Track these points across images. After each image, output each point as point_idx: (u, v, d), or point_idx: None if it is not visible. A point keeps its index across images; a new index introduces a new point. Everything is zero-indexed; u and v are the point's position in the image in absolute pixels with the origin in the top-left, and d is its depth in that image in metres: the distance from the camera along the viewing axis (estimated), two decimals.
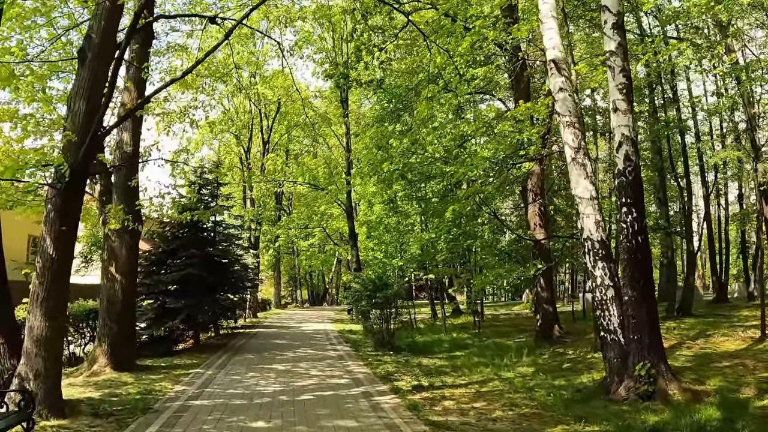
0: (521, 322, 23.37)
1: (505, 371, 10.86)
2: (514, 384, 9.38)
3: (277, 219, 30.85)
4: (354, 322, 25.31)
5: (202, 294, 13.11)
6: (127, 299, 10.03)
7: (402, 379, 9.58)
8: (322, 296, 55.63)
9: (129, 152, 10.11)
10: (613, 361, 8.37)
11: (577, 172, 8.82)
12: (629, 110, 8.36)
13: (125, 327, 9.93)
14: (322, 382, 9.04)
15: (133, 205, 9.39)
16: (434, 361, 12.53)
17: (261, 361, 11.46)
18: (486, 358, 12.73)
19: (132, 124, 10.15)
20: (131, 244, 10.05)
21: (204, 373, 9.78)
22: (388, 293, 14.01)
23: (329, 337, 17.84)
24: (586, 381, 9.58)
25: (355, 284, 15.26)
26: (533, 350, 13.42)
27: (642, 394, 7.83)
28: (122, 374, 9.38)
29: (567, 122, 9.03)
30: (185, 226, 13.01)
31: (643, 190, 8.36)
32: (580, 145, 8.94)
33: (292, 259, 44.49)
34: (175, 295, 12.57)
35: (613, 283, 8.45)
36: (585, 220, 8.69)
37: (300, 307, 45.42)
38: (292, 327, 22.18)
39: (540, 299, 15.26)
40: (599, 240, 8.56)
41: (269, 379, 9.20)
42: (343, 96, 21.30)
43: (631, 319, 8.15)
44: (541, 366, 11.41)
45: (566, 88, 9.28)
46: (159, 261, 13.08)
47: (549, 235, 13.44)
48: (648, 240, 8.49)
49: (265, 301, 34.96)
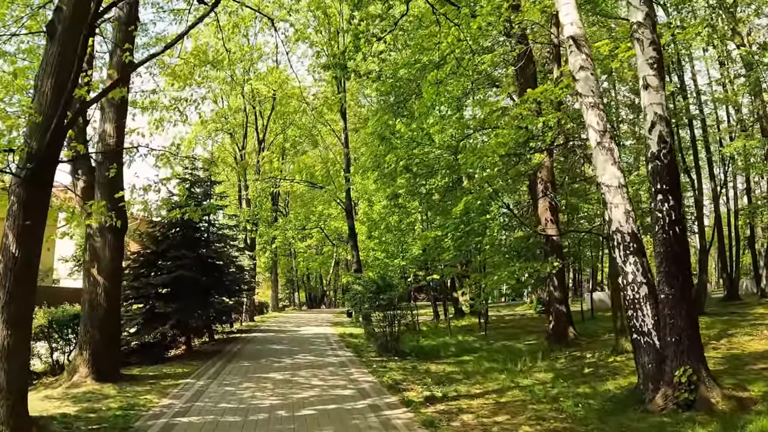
0: (527, 323, 22.61)
1: (521, 378, 10.05)
2: (535, 393, 8.56)
3: (274, 220, 30.02)
4: (354, 325, 24.46)
5: (194, 297, 12.26)
6: (111, 304, 9.16)
7: (412, 389, 8.75)
8: (320, 299, 54.74)
9: (112, 144, 9.25)
10: (647, 366, 7.55)
11: (604, 157, 8.01)
12: (661, 86, 7.57)
13: (108, 334, 9.06)
14: (324, 393, 8.19)
15: (116, 201, 8.53)
16: (443, 367, 11.71)
17: (257, 369, 10.59)
18: (498, 363, 11.93)
19: (115, 114, 9.32)
20: (115, 244, 9.19)
21: (195, 383, 8.91)
22: (392, 295, 13.18)
23: (329, 342, 16.98)
24: (612, 388, 8.79)
25: (357, 286, 14.43)
26: (547, 354, 12.63)
27: (682, 403, 7.03)
28: (104, 386, 8.51)
29: (590, 103, 8.23)
30: (176, 225, 12.17)
31: (679, 175, 7.57)
32: (605, 128, 8.14)
33: (289, 261, 43.60)
34: (165, 298, 11.72)
35: (646, 280, 7.64)
36: (614, 211, 7.87)
37: (298, 309, 44.55)
38: (291, 331, 21.29)
39: (552, 299, 14.45)
40: (630, 232, 7.75)
41: (266, 391, 8.35)
42: (341, 90, 20.50)
43: (668, 320, 7.34)
44: (560, 371, 10.60)
45: (587, 66, 8.48)
46: (148, 263, 12.21)
47: (561, 231, 12.63)
48: (686, 231, 7.70)
49: (263, 304, 34.09)
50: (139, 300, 12.13)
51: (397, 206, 14.48)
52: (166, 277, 11.53)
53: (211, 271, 13.35)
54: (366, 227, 20.14)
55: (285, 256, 42.61)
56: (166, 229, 12.46)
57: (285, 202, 38.42)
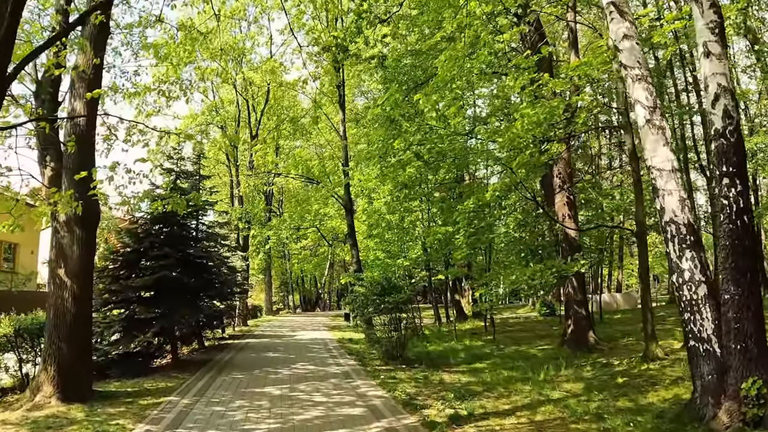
0: (534, 326, 21.56)
1: (548, 389, 8.94)
2: (571, 408, 7.45)
3: (267, 220, 28.78)
4: (353, 329, 23.27)
5: (180, 301, 11.02)
6: (81, 310, 7.91)
7: (430, 405, 7.59)
8: (315, 301, 53.45)
9: (82, 126, 8.02)
10: (706, 377, 6.49)
11: (654, 137, 6.94)
12: (723, 54, 6.50)
13: (78, 345, 7.81)
14: (330, 412, 7.00)
15: (86, 189, 7.30)
16: (457, 377, 10.58)
17: (251, 383, 9.37)
18: (517, 372, 10.83)
19: (86, 89, 8.06)
20: (86, 239, 7.94)
21: (178, 402, 7.67)
22: (399, 298, 12.02)
23: (329, 348, 15.79)
24: (657, 402, 7.72)
25: (359, 287, 13.25)
26: (569, 361, 11.53)
27: (750, 420, 5.99)
28: (72, 407, 7.27)
29: (637, 75, 7.17)
30: (160, 221, 10.93)
31: (746, 156, 6.50)
32: (655, 104, 7.07)
33: (283, 263, 42.28)
34: (147, 303, 10.48)
35: (705, 278, 6.58)
36: (666, 199, 6.79)
37: (292, 313, 43.29)
38: (286, 336, 20.05)
39: (571, 301, 13.36)
40: (686, 223, 6.67)
41: (262, 411, 7.14)
42: (340, 80, 19.36)
43: (733, 324, 6.27)
44: (590, 382, 9.51)
45: (632, 35, 7.43)
46: (128, 263, 10.95)
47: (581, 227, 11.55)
48: (753, 221, 6.64)
49: (256, 308, 32.84)
50: (119, 304, 10.87)
51: (406, 198, 13.33)
52: (148, 278, 10.27)
53: (200, 272, 12.10)
54: (366, 225, 18.94)
55: (279, 258, 41.30)
56: (148, 225, 11.20)
57: (279, 202, 37.15)
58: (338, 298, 60.73)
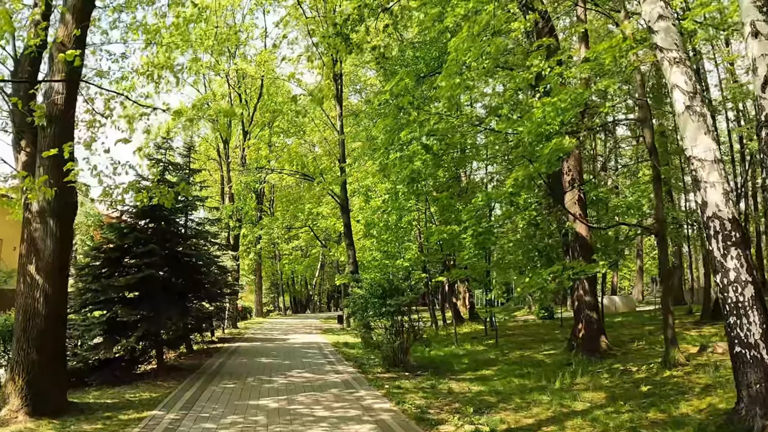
0: (535, 330, 20.98)
1: (569, 400, 8.28)
2: (600, 421, 6.79)
3: (258, 219, 27.86)
4: (347, 332, 22.48)
5: (167, 303, 10.16)
6: (54, 312, 7.05)
7: (446, 420, 6.87)
8: (305, 303, 52.52)
9: (60, 105, 7.18)
10: (753, 386, 5.88)
11: (695, 124, 6.30)
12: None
13: (50, 352, 6.95)
14: (336, 430, 6.23)
15: (61, 174, 6.48)
16: (466, 385, 9.89)
17: (245, 393, 8.56)
18: (529, 380, 10.18)
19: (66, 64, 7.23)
20: (61, 232, 7.09)
21: (163, 417, 6.83)
22: (402, 300, 11.29)
23: (324, 353, 15.00)
24: (692, 413, 7.08)
25: (359, 289, 12.50)
26: (584, 367, 10.90)
27: None
28: (42, 422, 6.42)
29: (674, 59, 6.53)
30: (146, 215, 10.07)
31: None
32: (695, 89, 6.44)
33: (273, 264, 41.30)
34: (131, 304, 9.61)
35: (752, 279, 5.96)
36: (709, 192, 6.16)
37: (283, 315, 42.37)
38: (278, 339, 19.20)
39: (582, 305, 12.74)
40: (731, 218, 6.04)
41: (258, 428, 6.34)
42: (338, 71, 18.60)
43: None
44: (611, 390, 8.87)
45: (667, 15, 6.80)
46: (110, 260, 10.06)
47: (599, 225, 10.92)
48: None
49: (246, 309, 31.89)
50: (99, 305, 9.99)
51: (410, 194, 12.58)
52: (132, 277, 9.39)
53: (188, 271, 11.24)
54: (362, 225, 18.14)
55: (270, 259, 40.34)
56: (133, 219, 10.31)
57: (270, 201, 36.22)
58: (328, 300, 59.95)
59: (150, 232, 10.31)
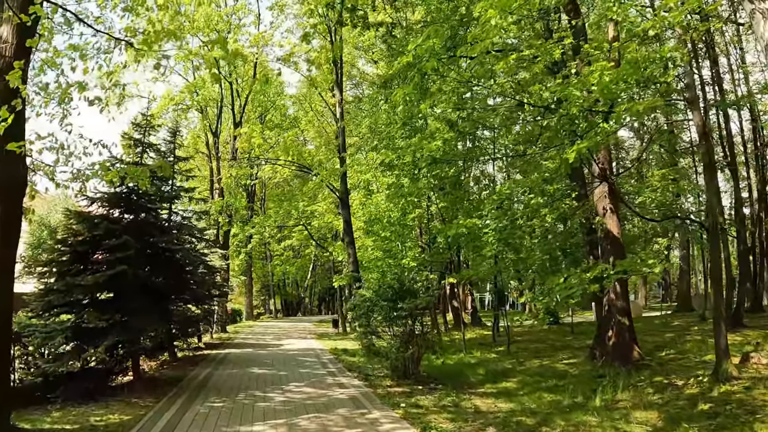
0: (544, 336, 19.73)
1: (621, 422, 7.02)
2: None
3: (249, 218, 26.32)
4: (343, 337, 21.07)
5: (145, 306, 8.69)
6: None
7: None
8: (296, 306, 50.88)
9: (8, 56, 5.75)
10: None
11: None
12: None
13: None
14: None
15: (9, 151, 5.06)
16: (491, 402, 8.60)
17: (234, 415, 7.14)
18: (562, 395, 8.91)
19: (19, 8, 5.79)
20: (5, 214, 5.64)
21: None
22: (416, 303, 9.94)
23: (322, 361, 13.59)
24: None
25: (365, 291, 11.14)
26: (623, 381, 9.62)
27: None
28: None
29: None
30: (120, 201, 8.60)
31: None
32: None
33: (265, 265, 39.66)
34: (102, 307, 8.14)
35: None
36: None
37: (274, 318, 40.80)
38: (271, 346, 17.73)
39: (614, 309, 11.47)
40: None
41: None
42: (337, 55, 17.21)
43: None
44: (664, 409, 7.62)
45: None
46: (77, 256, 8.57)
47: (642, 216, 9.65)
48: None
49: (236, 312, 30.34)
50: (66, 308, 8.50)
51: (434, 177, 11.18)
52: (101, 275, 7.92)
53: (171, 269, 9.76)
54: (362, 221, 16.73)
55: (260, 260, 38.72)
56: (107, 207, 8.81)
57: (261, 200, 34.66)
58: (319, 303, 58.29)
59: (125, 223, 8.83)
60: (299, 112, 24.70)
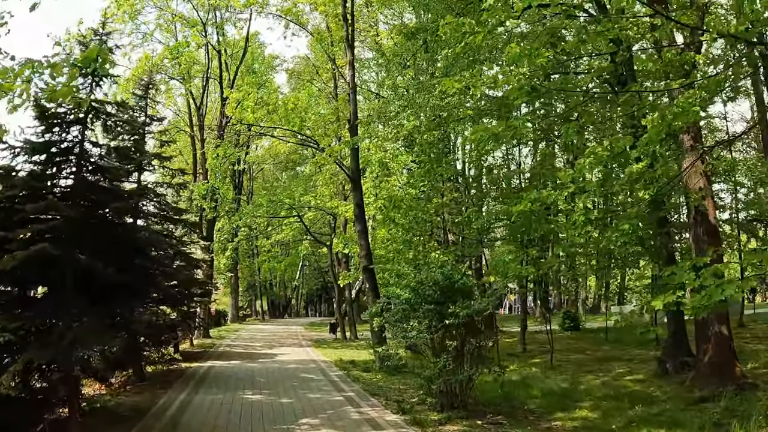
0: (574, 344, 17.26)
1: None
2: None
3: (236, 210, 23.29)
4: (343, 344, 18.22)
5: (88, 306, 5.79)
6: None
7: None
8: (284, 307, 47.77)
9: None
10: None
11: None
12: None
13: None
14: None
15: None
16: None
17: None
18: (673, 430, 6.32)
19: None
20: None
21: None
22: (476, 309, 7.20)
23: (332, 380, 10.74)
24: None
25: (399, 289, 8.38)
26: (745, 407, 7.09)
27: None
28: None
29: None
30: (46, 148, 5.66)
31: None
32: None
33: (251, 263, 36.46)
34: (11, 308, 5.22)
35: None
36: None
37: (261, 320, 37.74)
38: (263, 355, 14.76)
39: (712, 317, 8.90)
40: None
41: None
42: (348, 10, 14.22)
43: None
44: None
45: None
46: None
47: None
48: None
49: (220, 314, 27.30)
50: None
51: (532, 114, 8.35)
52: (9, 257, 4.92)
53: (129, 254, 6.74)
54: (375, 207, 13.80)
55: (247, 257, 35.53)
56: (27, 156, 5.79)
57: (248, 193, 31.51)
58: (307, 305, 55.12)
59: (57, 183, 5.88)
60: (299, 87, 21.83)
